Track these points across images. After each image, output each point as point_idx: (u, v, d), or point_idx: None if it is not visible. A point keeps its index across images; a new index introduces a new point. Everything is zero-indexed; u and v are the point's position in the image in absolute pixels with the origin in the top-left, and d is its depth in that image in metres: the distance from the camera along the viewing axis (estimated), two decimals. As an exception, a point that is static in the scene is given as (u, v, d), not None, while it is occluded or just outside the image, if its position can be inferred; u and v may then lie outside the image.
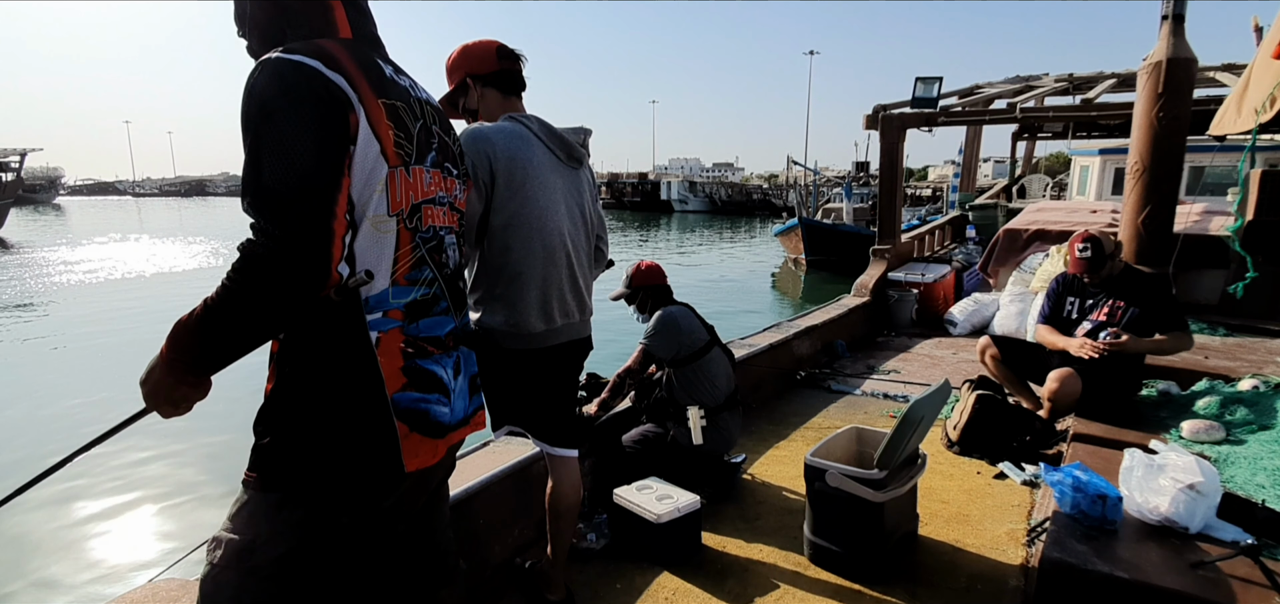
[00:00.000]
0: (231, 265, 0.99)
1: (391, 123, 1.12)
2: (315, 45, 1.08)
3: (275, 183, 0.99)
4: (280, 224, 0.98)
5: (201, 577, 1.13)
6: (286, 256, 0.98)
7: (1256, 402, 3.03)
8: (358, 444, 1.12)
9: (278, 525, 1.11)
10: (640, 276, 3.01)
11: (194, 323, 1.00)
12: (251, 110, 1.01)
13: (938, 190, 25.33)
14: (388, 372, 1.13)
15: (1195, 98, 4.85)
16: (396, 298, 1.16)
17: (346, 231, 1.06)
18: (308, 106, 1.02)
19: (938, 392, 2.36)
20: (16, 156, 30.27)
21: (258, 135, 1.00)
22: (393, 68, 1.21)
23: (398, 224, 1.14)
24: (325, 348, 1.10)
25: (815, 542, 2.39)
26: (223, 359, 1.02)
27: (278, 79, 1.01)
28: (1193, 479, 2.00)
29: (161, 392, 1.04)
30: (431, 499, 1.38)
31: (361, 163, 1.08)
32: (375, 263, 1.12)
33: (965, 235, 11.92)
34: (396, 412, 1.14)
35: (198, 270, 17.64)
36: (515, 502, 2.45)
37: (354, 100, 1.06)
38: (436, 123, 1.27)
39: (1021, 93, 8.03)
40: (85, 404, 6.82)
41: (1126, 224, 5.16)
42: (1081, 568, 1.88)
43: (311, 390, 1.10)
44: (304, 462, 1.10)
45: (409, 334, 1.17)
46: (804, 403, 4.23)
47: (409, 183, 1.16)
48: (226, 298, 0.98)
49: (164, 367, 1.03)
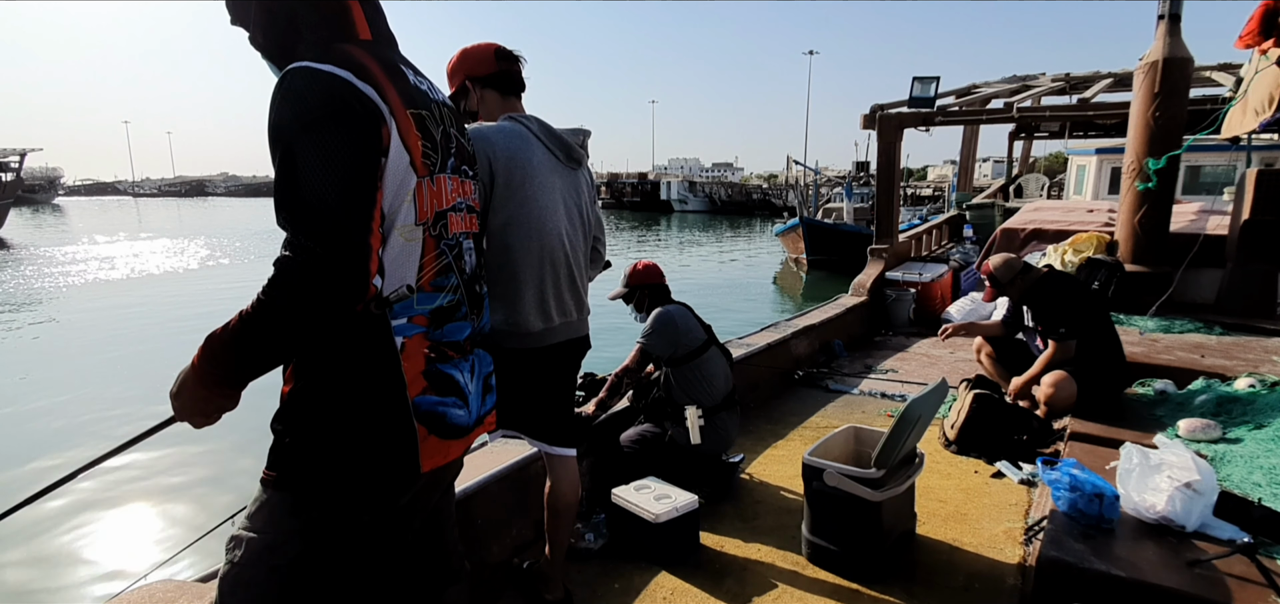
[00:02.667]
0: (268, 279, 0.98)
1: (419, 133, 1.12)
2: (345, 54, 1.06)
3: (312, 198, 0.98)
4: (319, 239, 0.98)
5: (221, 575, 1.13)
6: (325, 271, 0.98)
7: (1253, 400, 3.04)
8: (378, 445, 1.12)
9: (298, 523, 1.11)
10: (638, 275, 3.02)
11: (229, 336, 1.00)
12: (284, 123, 1.00)
13: (938, 190, 25.37)
14: (410, 375, 1.13)
15: (1191, 97, 4.87)
16: (422, 304, 1.16)
17: (380, 244, 1.06)
18: (342, 121, 1.01)
19: (935, 391, 2.37)
20: (16, 157, 30.23)
21: (290, 150, 0.99)
22: (413, 71, 1.21)
23: (424, 233, 1.15)
24: (351, 352, 1.10)
25: (813, 541, 2.39)
26: (256, 371, 1.02)
27: (308, 92, 1.00)
28: (1189, 477, 2.01)
29: (195, 403, 1.04)
30: (442, 497, 1.38)
31: (393, 174, 1.07)
32: (404, 272, 1.12)
33: (962, 235, 11.95)
34: (417, 414, 1.15)
35: (198, 270, 17.64)
36: (513, 501, 2.45)
37: (385, 113, 1.06)
38: (454, 126, 1.27)
39: (1018, 92, 8.05)
40: (77, 402, 6.82)
41: (1123, 223, 5.18)
42: (1079, 566, 1.88)
43: (334, 392, 1.10)
44: (324, 461, 1.11)
45: (433, 339, 1.18)
46: (801, 402, 4.23)
47: (434, 192, 1.16)
48: (262, 311, 0.98)
49: (196, 378, 1.03)
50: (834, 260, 15.23)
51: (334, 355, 1.10)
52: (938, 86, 7.47)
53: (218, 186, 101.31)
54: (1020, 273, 3.48)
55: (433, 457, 1.18)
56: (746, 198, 55.28)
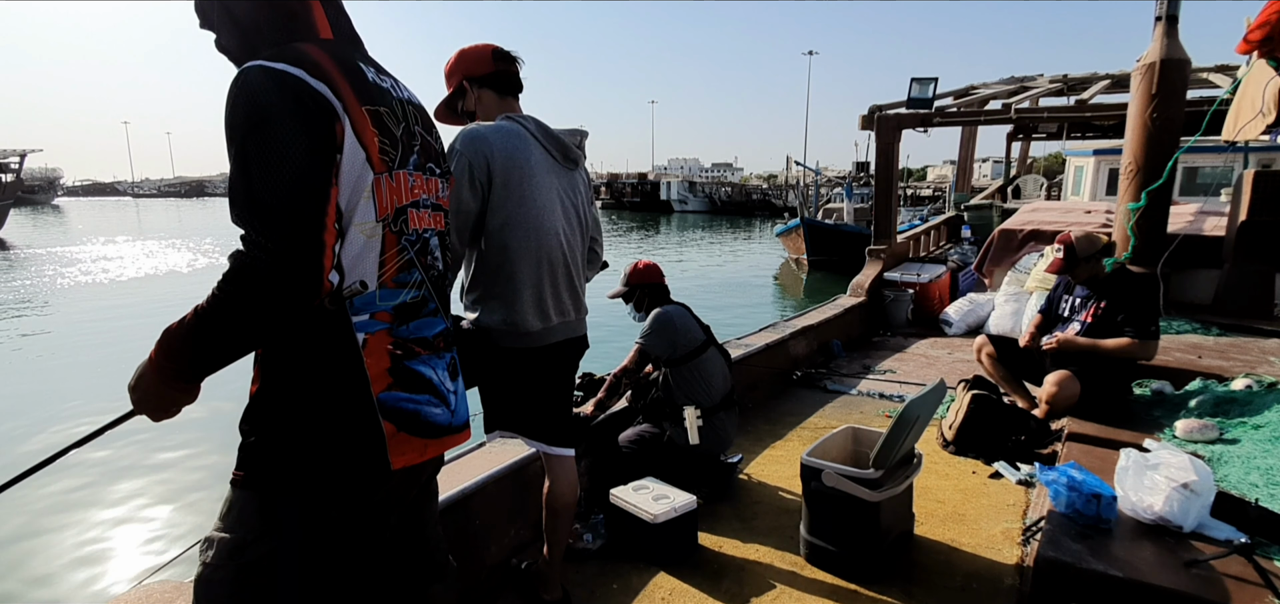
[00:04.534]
0: (222, 274, 0.99)
1: (376, 129, 1.12)
2: (298, 51, 1.07)
3: (265, 194, 0.99)
4: (271, 235, 0.99)
5: (195, 577, 1.13)
6: (278, 267, 0.99)
7: (1250, 401, 3.05)
8: (343, 442, 1.13)
9: (267, 522, 1.11)
10: (638, 274, 3.02)
11: (185, 330, 1.01)
12: (236, 121, 1.01)
13: (939, 190, 25.41)
14: (374, 372, 1.14)
15: (1188, 98, 4.87)
16: (385, 301, 1.16)
17: (336, 240, 1.07)
18: (293, 117, 1.01)
19: (933, 391, 2.37)
20: (16, 157, 30.20)
21: (244, 147, 1.00)
22: (375, 69, 1.21)
23: (383, 229, 1.15)
24: (312, 349, 1.11)
25: (811, 541, 2.40)
26: (212, 366, 1.03)
27: (261, 89, 1.01)
28: (1186, 478, 2.01)
29: (151, 397, 1.06)
30: (421, 493, 1.38)
31: (348, 171, 1.08)
32: (363, 268, 1.12)
33: (961, 235, 11.97)
34: (382, 411, 1.15)
35: (200, 270, 17.61)
36: (512, 502, 2.45)
37: (339, 109, 1.06)
38: (418, 123, 1.27)
39: (1016, 93, 8.06)
40: (66, 400, 6.81)
41: (1120, 224, 5.18)
42: (1076, 567, 1.89)
43: (298, 390, 1.11)
44: (291, 459, 1.11)
45: (398, 336, 1.18)
46: (800, 403, 4.24)
47: (393, 187, 1.16)
48: (217, 306, 0.99)
49: (154, 372, 1.04)
50: (835, 261, 15.27)
51: (296, 353, 1.11)
52: (935, 87, 7.48)
53: (217, 187, 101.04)
54: (1098, 254, 3.30)
55: (405, 454, 1.18)
56: (746, 198, 55.32)
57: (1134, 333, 3.13)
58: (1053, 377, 3.24)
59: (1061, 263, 3.37)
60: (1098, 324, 3.26)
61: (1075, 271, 3.36)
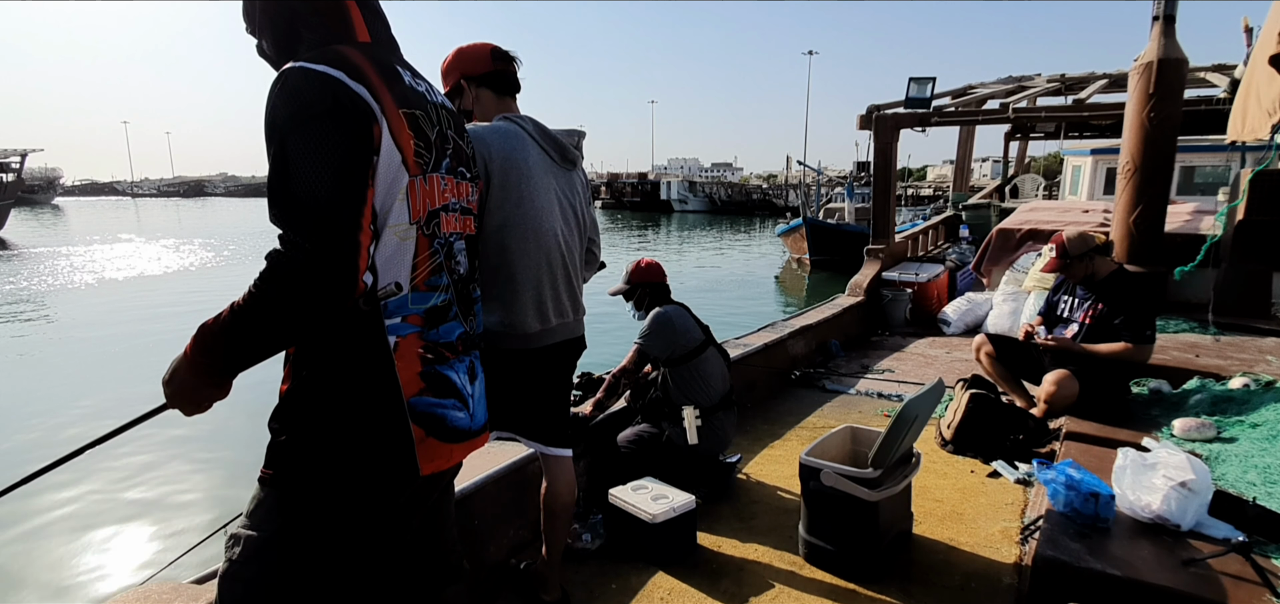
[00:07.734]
0: (259, 273, 1.00)
1: (412, 132, 1.14)
2: (338, 54, 1.08)
3: (303, 195, 1.00)
4: (309, 236, 0.99)
5: (220, 574, 1.14)
6: (315, 268, 0.99)
7: (1247, 400, 3.05)
8: (374, 445, 1.13)
9: (295, 521, 1.12)
10: (640, 273, 3.02)
11: (220, 327, 1.01)
12: (277, 121, 1.02)
13: (939, 190, 25.43)
14: (405, 376, 1.15)
15: (1186, 98, 4.88)
16: (416, 304, 1.17)
17: (371, 241, 1.07)
18: (333, 119, 1.02)
19: (931, 391, 2.37)
20: (17, 157, 30.17)
21: (284, 147, 1.01)
22: (410, 73, 1.22)
23: (417, 232, 1.16)
24: (344, 351, 1.11)
25: (810, 541, 2.40)
26: (246, 362, 1.04)
27: (302, 90, 1.02)
28: (1184, 477, 2.02)
29: (185, 391, 1.06)
30: (441, 496, 1.39)
31: (385, 173, 1.09)
32: (396, 271, 1.13)
33: (959, 235, 11.98)
34: (412, 415, 1.16)
35: (201, 269, 17.60)
36: (510, 502, 2.45)
37: (377, 111, 1.07)
38: (451, 127, 1.28)
39: (1014, 93, 8.07)
40: (70, 400, 6.81)
41: (1118, 224, 5.19)
42: (1074, 566, 1.89)
43: (329, 391, 1.12)
44: (320, 459, 1.12)
45: (428, 340, 1.19)
46: (798, 402, 4.24)
47: (427, 191, 1.17)
48: (253, 304, 1.00)
49: (188, 367, 1.05)
50: (836, 260, 15.31)
51: (328, 354, 1.11)
52: (933, 87, 7.49)
53: (217, 187, 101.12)
54: (1091, 253, 3.31)
55: (433, 460, 1.19)
56: (746, 198, 55.31)
57: (1129, 337, 3.16)
58: (1051, 376, 3.24)
59: (1056, 262, 3.41)
60: (1095, 325, 3.28)
61: (1070, 270, 3.39)
